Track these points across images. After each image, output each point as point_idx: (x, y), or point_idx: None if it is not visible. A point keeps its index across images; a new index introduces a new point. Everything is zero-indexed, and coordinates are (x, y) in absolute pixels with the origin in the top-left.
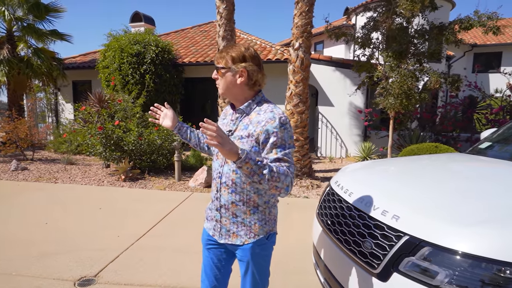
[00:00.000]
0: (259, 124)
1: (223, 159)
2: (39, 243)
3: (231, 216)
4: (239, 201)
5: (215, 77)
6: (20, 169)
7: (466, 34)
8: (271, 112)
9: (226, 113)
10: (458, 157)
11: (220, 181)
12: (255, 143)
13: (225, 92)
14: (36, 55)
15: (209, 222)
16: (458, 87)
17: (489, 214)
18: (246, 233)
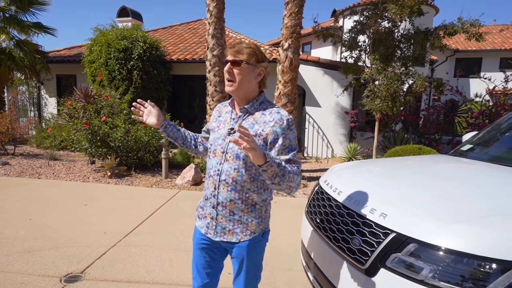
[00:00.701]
0: (267, 125)
1: (223, 157)
2: (23, 239)
3: (228, 214)
4: (238, 199)
5: (229, 70)
6: (1, 164)
7: (449, 39)
8: (278, 113)
9: (220, 111)
10: (441, 158)
11: (219, 178)
12: (262, 142)
13: (239, 87)
14: (19, 47)
15: (201, 220)
16: (442, 91)
17: (470, 212)
18: (242, 230)
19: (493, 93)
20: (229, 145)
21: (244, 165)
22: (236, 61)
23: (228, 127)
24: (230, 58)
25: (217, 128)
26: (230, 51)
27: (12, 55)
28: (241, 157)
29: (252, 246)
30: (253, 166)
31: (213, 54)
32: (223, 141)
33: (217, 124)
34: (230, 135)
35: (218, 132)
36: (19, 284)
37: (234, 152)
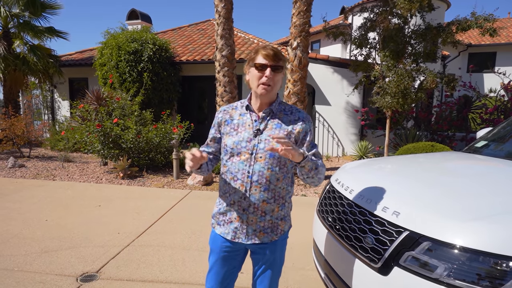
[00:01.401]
0: (295, 123)
1: (251, 158)
2: (40, 240)
3: (259, 215)
4: (270, 199)
5: (270, 75)
6: (18, 166)
7: (461, 34)
8: (300, 112)
9: (231, 114)
10: (455, 155)
11: (250, 180)
12: (294, 140)
13: (273, 91)
14: (32, 52)
15: (225, 226)
16: (453, 87)
17: (485, 210)
18: (273, 230)
19: (508, 87)
20: (258, 146)
21: (278, 163)
22: (278, 68)
23: (250, 129)
24: (270, 63)
25: (234, 132)
26: (268, 56)
27: (26, 60)
28: (276, 156)
29: (281, 243)
30: (285, 164)
31: (222, 55)
32: (248, 143)
33: (233, 127)
34: (257, 136)
35: (239, 135)
36: (37, 283)
37: (266, 152)
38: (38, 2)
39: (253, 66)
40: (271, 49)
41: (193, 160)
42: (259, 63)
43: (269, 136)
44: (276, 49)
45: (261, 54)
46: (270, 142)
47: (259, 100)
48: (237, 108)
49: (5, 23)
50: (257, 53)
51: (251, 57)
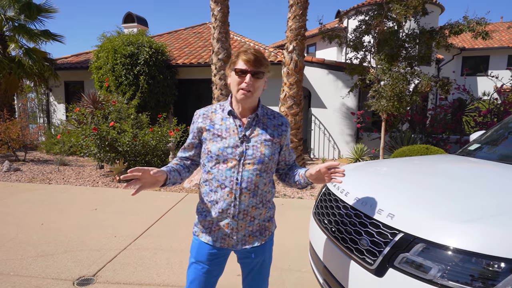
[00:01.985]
0: (279, 128)
1: (240, 165)
2: (36, 244)
3: (249, 220)
4: (259, 203)
5: (250, 81)
6: (13, 170)
7: (455, 37)
8: (282, 117)
9: (212, 118)
10: (449, 158)
11: (240, 187)
12: (279, 145)
13: (255, 96)
14: (28, 55)
15: (211, 234)
16: (448, 90)
17: (478, 211)
18: (262, 232)
19: (501, 91)
20: (246, 152)
21: (266, 168)
22: (259, 73)
23: (235, 135)
24: (251, 68)
25: (218, 138)
26: (249, 61)
27: (21, 63)
28: (264, 161)
29: (269, 244)
30: (271, 168)
31: (219, 58)
32: (234, 149)
33: (216, 133)
34: (244, 142)
35: (224, 141)
36: (33, 287)
37: (256, 158)
38: (33, 6)
39: (233, 71)
40: (252, 54)
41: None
42: (239, 69)
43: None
44: (258, 53)
45: (241, 59)
46: (259, 148)
47: (241, 106)
48: (216, 112)
49: (0, 26)
50: (238, 57)
51: (232, 61)
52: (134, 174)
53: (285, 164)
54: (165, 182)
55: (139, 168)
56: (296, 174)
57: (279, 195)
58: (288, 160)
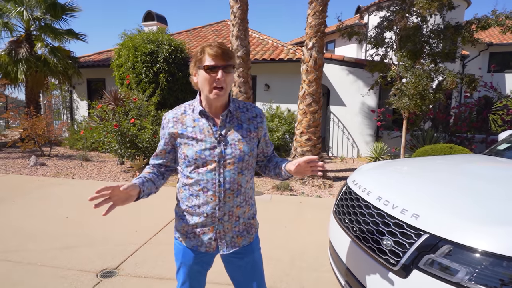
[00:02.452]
0: (254, 120)
1: (220, 165)
2: (61, 236)
3: (234, 220)
4: (242, 202)
5: (222, 77)
6: (39, 165)
7: (482, 33)
8: (255, 108)
9: (183, 121)
10: (475, 158)
11: (223, 189)
12: (257, 138)
13: (226, 94)
14: (53, 53)
15: (196, 239)
16: (474, 88)
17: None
18: (248, 231)
19: None
20: (225, 151)
21: (247, 165)
22: (229, 67)
23: (210, 136)
24: (221, 63)
25: (194, 141)
26: (217, 56)
27: (47, 62)
28: (245, 159)
29: (256, 242)
30: (252, 164)
31: (237, 55)
32: (212, 151)
33: (190, 136)
34: (221, 142)
35: (200, 144)
36: (59, 278)
37: (235, 156)
38: (58, 5)
39: (202, 68)
40: (218, 47)
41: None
42: (208, 65)
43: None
44: (223, 46)
45: (208, 55)
46: (237, 146)
47: (213, 104)
48: (186, 113)
49: (27, 26)
50: (204, 53)
51: (197, 58)
52: (103, 193)
53: (263, 156)
54: (139, 196)
55: (106, 186)
56: (277, 167)
57: (297, 193)
58: (266, 151)
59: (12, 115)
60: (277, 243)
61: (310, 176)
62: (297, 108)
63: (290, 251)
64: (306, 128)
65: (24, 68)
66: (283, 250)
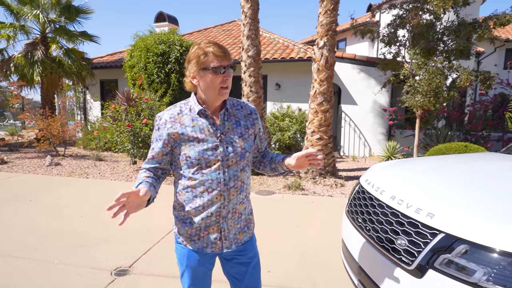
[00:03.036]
0: (249, 117)
1: (223, 165)
2: (76, 235)
3: (236, 217)
4: (244, 198)
5: (228, 77)
6: (54, 165)
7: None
8: (249, 105)
9: (181, 121)
10: (492, 156)
11: (228, 187)
12: (254, 135)
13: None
14: (67, 55)
15: (201, 241)
16: (490, 85)
17: None
18: (248, 226)
19: None
20: (227, 150)
21: (247, 162)
22: (233, 66)
23: (211, 135)
24: (226, 63)
25: (195, 140)
26: (222, 56)
27: (61, 63)
28: (246, 155)
29: (253, 237)
30: (250, 159)
31: (248, 55)
32: (214, 150)
33: (190, 137)
34: (222, 141)
35: (201, 144)
36: (75, 275)
37: (237, 154)
38: (72, 7)
39: (209, 70)
40: (219, 47)
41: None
42: (217, 66)
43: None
44: (221, 45)
45: (213, 56)
46: (238, 144)
47: (214, 103)
48: (183, 113)
49: (43, 29)
50: (207, 56)
51: (200, 61)
52: (121, 201)
53: (258, 151)
54: (148, 202)
55: (123, 193)
56: (273, 162)
57: (308, 192)
58: (260, 147)
59: (28, 116)
60: (289, 243)
61: (321, 175)
62: (308, 107)
63: (303, 251)
64: (318, 127)
65: (40, 69)
66: (296, 249)
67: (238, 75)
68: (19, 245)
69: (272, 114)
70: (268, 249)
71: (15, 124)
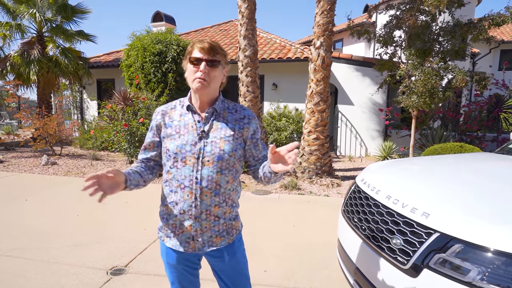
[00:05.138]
0: (241, 121)
1: (198, 163)
2: (72, 234)
3: (213, 219)
4: (222, 202)
5: (205, 70)
6: (50, 164)
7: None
8: (245, 110)
9: (170, 115)
10: (486, 156)
11: (200, 186)
12: (242, 140)
13: (211, 88)
14: (64, 54)
15: (175, 238)
16: (485, 86)
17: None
18: (228, 231)
19: None
20: (205, 149)
21: (227, 165)
22: (214, 62)
23: (194, 131)
24: (206, 57)
25: (176, 135)
26: (203, 49)
27: (58, 62)
28: (224, 158)
29: (238, 244)
30: (234, 164)
31: (245, 55)
32: (193, 146)
33: (175, 130)
34: (202, 139)
35: (182, 138)
36: (71, 274)
37: (214, 155)
38: (69, 7)
39: (188, 61)
40: (207, 42)
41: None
42: (194, 57)
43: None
44: (213, 42)
45: (196, 48)
46: (217, 144)
47: (199, 99)
48: (175, 108)
49: (39, 28)
50: (193, 47)
51: (187, 51)
52: (92, 181)
53: (254, 159)
54: (126, 184)
55: (93, 175)
56: (264, 166)
57: (305, 192)
58: (256, 155)
59: (24, 115)
60: (286, 242)
61: (318, 175)
62: (305, 107)
63: (299, 250)
64: (314, 127)
65: (36, 69)
66: (292, 249)
67: (235, 75)
68: (14, 245)
69: (269, 114)
70: (264, 249)
71: (11, 124)
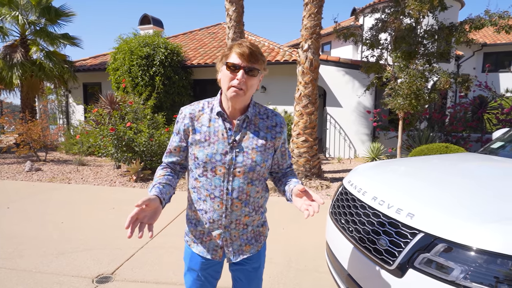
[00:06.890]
0: (273, 130)
1: (229, 173)
2: (56, 242)
3: (241, 228)
4: (252, 211)
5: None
6: (34, 170)
7: (476, 33)
8: (277, 116)
9: (199, 119)
10: (470, 156)
11: (231, 197)
12: (273, 149)
13: (247, 96)
14: (48, 58)
15: (203, 245)
16: (468, 87)
17: (504, 212)
18: (257, 239)
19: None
20: (236, 159)
21: (258, 176)
22: (253, 70)
23: (224, 140)
24: (244, 64)
25: (206, 142)
26: (243, 55)
27: (42, 66)
28: (256, 169)
29: (263, 249)
30: (264, 174)
31: None
32: (223, 156)
33: (203, 137)
34: (233, 149)
35: (212, 146)
36: (55, 284)
37: (246, 166)
38: (53, 9)
39: (224, 65)
40: (247, 47)
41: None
42: (232, 63)
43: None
44: (254, 47)
45: (235, 52)
46: (249, 155)
47: (231, 106)
48: (204, 111)
49: (22, 31)
50: (231, 50)
51: (224, 54)
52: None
53: (278, 168)
54: (162, 205)
55: (131, 216)
56: (287, 185)
57: None
58: (281, 164)
59: (7, 120)
60: (275, 245)
61: (307, 177)
62: (294, 110)
63: (288, 253)
64: (303, 129)
65: (19, 72)
66: (281, 252)
67: None
68: None
69: None
70: None
71: None
